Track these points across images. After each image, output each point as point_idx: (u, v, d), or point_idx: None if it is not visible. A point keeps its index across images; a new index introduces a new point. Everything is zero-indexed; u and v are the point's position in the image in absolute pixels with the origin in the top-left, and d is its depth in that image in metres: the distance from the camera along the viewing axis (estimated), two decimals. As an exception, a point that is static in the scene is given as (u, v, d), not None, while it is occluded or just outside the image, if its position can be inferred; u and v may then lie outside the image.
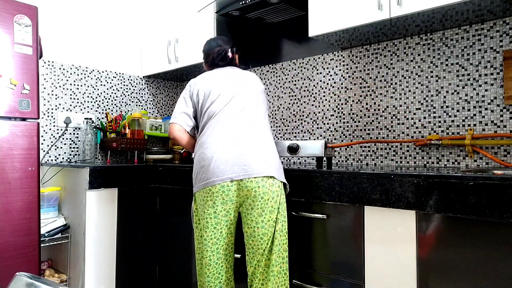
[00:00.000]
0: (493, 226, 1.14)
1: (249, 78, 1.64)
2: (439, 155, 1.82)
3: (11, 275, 1.68)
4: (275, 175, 1.44)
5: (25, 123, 1.74)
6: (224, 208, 1.47)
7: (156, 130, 2.73)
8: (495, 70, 1.68)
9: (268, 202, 1.43)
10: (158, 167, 2.25)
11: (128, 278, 2.15)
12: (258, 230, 1.44)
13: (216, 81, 1.61)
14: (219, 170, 1.43)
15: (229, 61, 1.71)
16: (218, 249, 1.52)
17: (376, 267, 1.37)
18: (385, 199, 1.33)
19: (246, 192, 1.43)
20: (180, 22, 2.57)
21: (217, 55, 1.69)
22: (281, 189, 1.47)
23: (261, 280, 1.45)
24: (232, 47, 1.72)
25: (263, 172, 1.41)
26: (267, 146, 1.49)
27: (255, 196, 1.42)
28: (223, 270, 1.53)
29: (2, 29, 1.67)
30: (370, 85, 2.06)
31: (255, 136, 1.49)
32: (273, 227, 1.44)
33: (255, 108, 1.56)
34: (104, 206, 2.04)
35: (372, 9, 1.68)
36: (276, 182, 1.44)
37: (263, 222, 1.43)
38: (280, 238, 1.45)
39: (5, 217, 1.67)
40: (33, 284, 0.63)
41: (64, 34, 2.50)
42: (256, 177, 1.41)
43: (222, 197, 1.45)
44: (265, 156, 1.45)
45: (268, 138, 1.52)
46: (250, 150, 1.44)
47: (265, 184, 1.42)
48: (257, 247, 1.45)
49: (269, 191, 1.42)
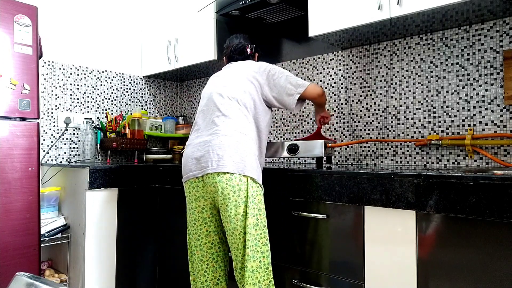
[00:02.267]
0: (493, 226, 1.14)
1: (242, 68, 1.63)
2: (439, 155, 1.82)
3: (11, 275, 1.68)
4: (231, 170, 1.42)
5: (25, 123, 1.74)
6: (199, 205, 1.52)
7: (156, 130, 2.73)
8: (495, 70, 1.68)
9: (229, 196, 1.42)
10: (158, 167, 2.25)
11: (128, 278, 2.15)
12: (228, 225, 1.45)
13: (213, 80, 1.68)
14: (187, 167, 1.53)
15: (246, 57, 1.74)
16: (201, 246, 1.54)
17: (376, 267, 1.37)
18: (385, 199, 1.33)
19: (210, 187, 1.46)
20: (180, 22, 2.57)
21: (235, 49, 1.73)
22: (244, 182, 1.43)
23: (242, 276, 1.44)
24: (252, 44, 1.76)
25: (217, 168, 1.43)
26: (227, 142, 1.46)
27: (216, 192, 1.44)
28: (209, 268, 1.54)
29: (2, 29, 1.67)
30: (370, 85, 2.06)
31: (220, 132, 1.48)
32: (242, 221, 1.42)
33: (229, 103, 1.54)
34: (104, 206, 2.04)
35: (372, 9, 1.68)
36: (235, 176, 1.42)
37: (230, 216, 1.43)
38: (254, 233, 1.42)
39: (5, 217, 1.67)
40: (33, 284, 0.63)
41: (64, 34, 2.50)
42: (212, 173, 1.44)
43: (193, 193, 1.52)
44: (221, 151, 1.44)
45: (233, 133, 1.48)
46: (209, 147, 1.47)
47: (222, 179, 1.42)
48: (232, 242, 1.47)
49: (227, 185, 1.42)
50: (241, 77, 1.60)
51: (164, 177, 2.20)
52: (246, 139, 1.50)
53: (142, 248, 2.21)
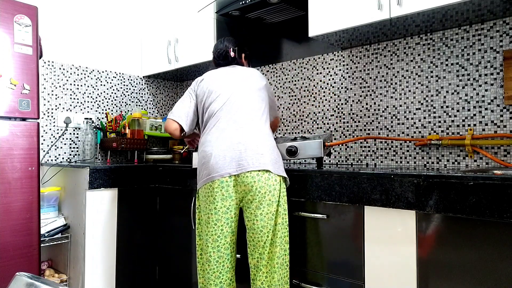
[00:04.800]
0: (493, 226, 1.14)
1: (248, 76, 1.67)
2: (439, 155, 1.82)
3: (11, 275, 1.68)
4: (270, 169, 1.47)
5: (25, 123, 1.74)
6: (224, 205, 1.49)
7: (156, 130, 2.73)
8: (495, 70, 1.68)
9: (265, 195, 1.46)
10: (158, 167, 2.25)
11: (128, 278, 2.15)
12: (258, 223, 1.47)
13: (217, 81, 1.66)
14: (218, 166, 1.48)
15: (231, 60, 1.75)
16: (219, 247, 1.52)
17: (376, 267, 1.37)
18: (385, 199, 1.33)
19: (244, 187, 1.46)
20: (180, 22, 2.57)
21: (219, 55, 1.76)
22: (278, 182, 1.49)
23: (265, 272, 1.48)
24: (234, 47, 1.76)
25: (259, 166, 1.45)
26: (263, 141, 1.52)
27: (252, 190, 1.45)
28: (224, 269, 1.54)
29: (2, 29, 1.67)
30: (370, 85, 2.06)
31: (251, 132, 1.52)
32: (272, 220, 1.47)
33: (252, 106, 1.59)
34: (104, 206, 2.04)
35: (372, 9, 1.68)
36: (272, 176, 1.47)
37: (261, 215, 1.46)
38: (282, 230, 1.49)
39: (5, 217, 1.67)
40: (33, 284, 0.63)
41: (64, 34, 2.50)
42: (251, 171, 1.45)
43: (222, 192, 1.48)
44: (261, 150, 1.48)
45: (264, 134, 1.55)
46: (246, 146, 1.48)
47: (261, 178, 1.45)
48: (257, 240, 1.48)
49: (265, 184, 1.45)
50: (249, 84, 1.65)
51: (164, 177, 2.20)
52: (273, 140, 1.59)
53: (142, 248, 2.21)
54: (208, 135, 1.57)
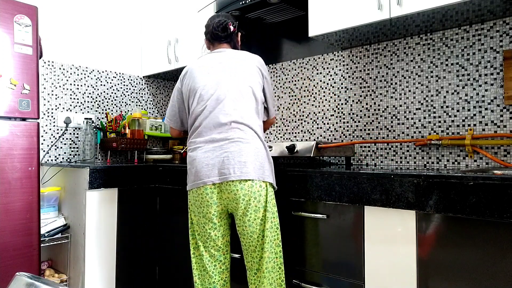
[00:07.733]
0: (493, 226, 1.14)
1: (240, 68, 1.54)
2: (439, 155, 1.82)
3: (11, 275, 1.68)
4: (253, 178, 1.42)
5: (25, 123, 1.74)
6: (209, 211, 1.48)
7: (156, 130, 2.73)
8: (495, 70, 1.68)
9: (250, 202, 1.42)
10: (158, 167, 2.25)
11: (128, 278, 2.15)
12: (247, 229, 1.46)
13: (201, 75, 1.55)
14: (201, 173, 1.46)
15: (229, 34, 1.62)
16: (209, 248, 1.53)
17: (376, 267, 1.37)
18: (385, 199, 1.33)
19: (228, 194, 1.44)
20: (180, 22, 2.57)
21: (218, 25, 1.61)
22: (264, 188, 1.44)
23: (258, 275, 1.48)
24: (234, 21, 1.65)
25: (240, 176, 1.41)
26: (247, 147, 1.45)
27: (236, 199, 1.43)
28: (216, 269, 1.54)
29: (2, 29, 1.67)
30: (370, 85, 2.06)
31: (235, 137, 1.45)
32: (261, 225, 1.45)
33: (239, 106, 1.49)
34: (104, 206, 2.04)
35: (372, 9, 1.68)
36: (256, 182, 1.42)
37: (249, 221, 1.44)
38: (271, 235, 1.46)
39: (5, 217, 1.67)
40: (33, 284, 0.63)
41: (64, 34, 2.50)
42: (233, 181, 1.41)
43: (206, 199, 1.46)
44: (244, 158, 1.42)
45: (251, 137, 1.47)
46: (228, 153, 1.43)
47: (244, 187, 1.41)
48: (249, 244, 1.48)
49: (249, 192, 1.42)
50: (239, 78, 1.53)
51: (164, 177, 2.20)
52: (260, 142, 1.50)
53: (142, 248, 2.21)
54: (194, 139, 1.52)
